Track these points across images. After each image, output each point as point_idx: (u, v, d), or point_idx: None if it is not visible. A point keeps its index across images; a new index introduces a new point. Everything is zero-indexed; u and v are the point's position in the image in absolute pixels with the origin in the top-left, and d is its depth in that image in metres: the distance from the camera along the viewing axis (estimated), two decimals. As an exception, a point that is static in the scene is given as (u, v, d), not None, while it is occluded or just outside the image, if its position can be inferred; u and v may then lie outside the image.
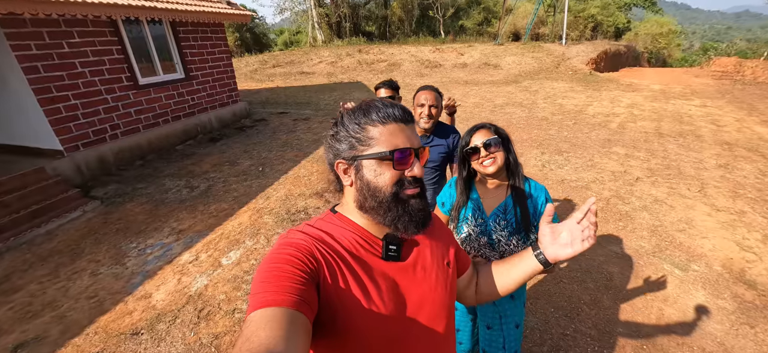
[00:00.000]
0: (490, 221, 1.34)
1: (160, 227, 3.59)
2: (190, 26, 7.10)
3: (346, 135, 0.69)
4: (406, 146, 0.67)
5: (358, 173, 0.68)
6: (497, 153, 1.28)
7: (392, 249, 0.71)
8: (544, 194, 1.31)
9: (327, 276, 0.63)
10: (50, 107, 4.86)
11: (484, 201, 1.38)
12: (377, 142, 0.66)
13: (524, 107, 8.38)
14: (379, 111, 0.68)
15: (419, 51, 16.52)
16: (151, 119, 6.34)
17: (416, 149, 0.68)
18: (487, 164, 1.29)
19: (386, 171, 0.66)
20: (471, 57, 15.13)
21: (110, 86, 5.67)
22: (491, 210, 1.35)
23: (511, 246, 1.31)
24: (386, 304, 0.67)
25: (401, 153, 0.66)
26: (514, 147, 1.37)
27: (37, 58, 4.72)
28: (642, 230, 3.32)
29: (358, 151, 0.68)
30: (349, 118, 0.70)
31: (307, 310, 0.56)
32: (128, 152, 5.81)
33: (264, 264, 0.61)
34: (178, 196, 4.34)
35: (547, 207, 0.85)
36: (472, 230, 1.37)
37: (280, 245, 0.65)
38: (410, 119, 0.71)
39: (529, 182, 1.34)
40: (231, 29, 25.26)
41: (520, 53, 14.89)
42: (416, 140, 0.70)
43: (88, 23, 5.33)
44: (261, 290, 0.55)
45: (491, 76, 12.73)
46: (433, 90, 1.88)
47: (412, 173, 0.67)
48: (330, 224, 0.72)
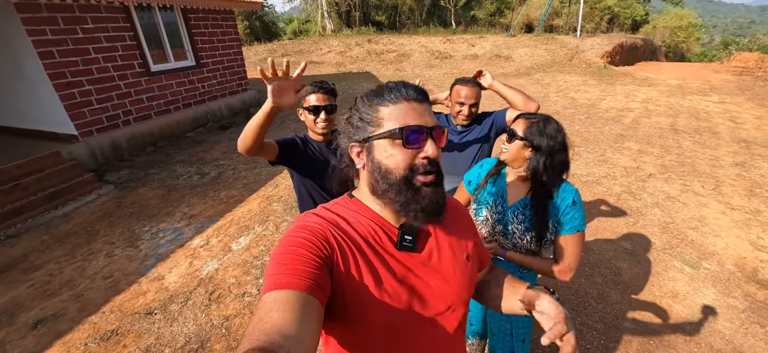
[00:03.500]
0: (510, 211, 1.33)
1: (172, 212, 3.67)
2: (201, 13, 7.12)
3: (358, 118, 0.68)
4: (418, 124, 0.64)
5: (369, 155, 0.67)
6: (512, 147, 1.26)
7: (407, 239, 0.69)
8: (572, 195, 1.25)
9: (340, 261, 0.62)
10: (65, 92, 4.96)
11: (509, 190, 1.36)
12: (388, 121, 0.64)
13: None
14: (390, 91, 0.66)
15: (429, 41, 16.32)
16: (163, 105, 6.42)
17: (430, 128, 0.65)
18: (503, 149, 1.29)
19: (397, 152, 0.64)
20: (482, 48, 14.89)
21: (123, 73, 5.75)
22: (513, 202, 1.34)
23: (524, 241, 1.31)
24: (398, 295, 0.65)
25: (412, 132, 0.63)
26: None
27: (52, 44, 4.79)
28: (653, 227, 3.27)
29: (369, 132, 0.66)
30: (361, 101, 0.69)
31: (320, 294, 0.56)
32: (140, 138, 5.91)
33: (279, 247, 0.61)
34: (190, 182, 4.42)
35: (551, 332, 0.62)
36: (491, 215, 1.37)
37: (295, 228, 0.64)
38: (424, 98, 0.68)
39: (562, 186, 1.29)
40: (240, 17, 25.21)
41: (532, 45, 14.61)
42: (431, 119, 0.66)
43: (101, 9, 5.38)
44: (275, 271, 0.56)
45: (502, 68, 12.53)
46: (475, 84, 1.78)
47: (427, 155, 0.64)
48: (346, 209, 0.71)
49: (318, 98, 1.53)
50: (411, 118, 0.64)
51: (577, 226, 1.23)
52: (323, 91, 1.55)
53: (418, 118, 0.64)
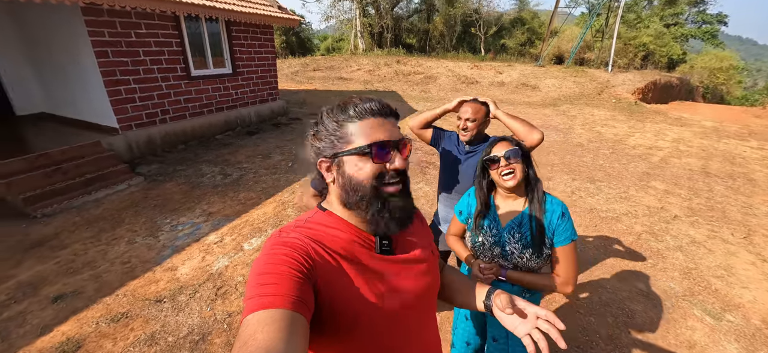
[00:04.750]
0: (505, 233, 1.36)
1: (193, 208, 3.86)
2: (243, 26, 7.59)
3: (326, 134, 0.70)
4: (385, 139, 0.67)
5: (339, 170, 0.69)
6: (516, 165, 1.30)
7: (385, 244, 0.73)
8: (560, 208, 1.31)
9: (324, 274, 0.63)
10: (113, 88, 5.39)
11: (500, 213, 1.40)
12: (356, 137, 0.67)
13: (560, 131, 8.11)
14: (356, 107, 0.69)
15: (457, 66, 16.50)
16: (198, 108, 6.82)
17: (397, 142, 0.69)
18: (507, 177, 1.31)
19: (367, 166, 0.67)
20: (509, 76, 14.88)
21: (166, 75, 6.19)
22: (506, 222, 1.37)
23: (523, 259, 1.32)
24: (384, 298, 0.68)
25: (380, 147, 0.66)
26: (543, 170, 1.38)
27: (108, 45, 5.27)
28: (673, 271, 3.10)
29: (337, 148, 0.69)
30: (328, 116, 0.71)
31: (305, 310, 0.55)
32: (174, 136, 6.28)
33: (259, 265, 0.60)
34: (212, 181, 4.64)
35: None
36: (487, 239, 1.40)
37: (274, 245, 0.64)
38: (389, 112, 0.72)
39: (547, 197, 1.34)
40: (278, 32, 26.55)
41: (561, 76, 14.44)
42: (396, 132, 0.70)
43: (154, 17, 5.87)
44: (257, 293, 0.55)
45: (528, 97, 12.44)
46: (474, 101, 1.86)
47: (394, 166, 0.68)
48: (322, 222, 0.72)
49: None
50: (379, 133, 0.67)
51: (569, 236, 1.28)
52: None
53: (385, 133, 0.68)
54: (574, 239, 1.27)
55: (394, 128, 0.71)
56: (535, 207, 1.31)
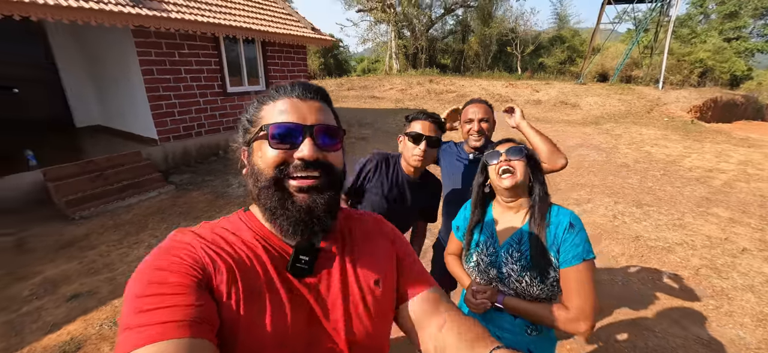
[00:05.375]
0: (502, 251, 1.15)
1: (213, 216, 3.92)
2: (278, 47, 7.95)
3: (246, 119, 0.63)
4: (285, 120, 0.57)
5: (249, 159, 0.61)
6: (517, 164, 1.12)
7: (302, 260, 0.59)
8: (568, 217, 1.07)
9: (219, 285, 0.52)
10: (155, 102, 5.79)
11: (498, 227, 1.20)
12: (264, 120, 0.59)
13: (602, 150, 7.48)
14: (278, 89, 0.61)
15: (491, 85, 16.13)
16: (231, 122, 7.13)
17: (308, 126, 0.57)
18: (504, 176, 1.12)
19: (267, 151, 0.57)
20: (547, 94, 14.24)
21: (204, 91, 6.57)
22: (504, 239, 1.16)
23: (523, 284, 1.09)
24: (287, 329, 0.55)
25: (277, 128, 0.56)
26: (582, 192, 1.18)
27: (153, 63, 5.70)
28: (743, 316, 2.59)
29: (250, 133, 0.61)
30: (253, 102, 0.64)
31: (207, 331, 0.46)
32: (207, 148, 6.59)
33: (142, 275, 0.49)
34: (236, 192, 4.73)
35: None
36: (482, 258, 1.19)
37: (161, 251, 0.53)
38: (315, 96, 0.62)
39: (553, 209, 1.13)
40: (317, 54, 27.79)
41: (604, 94, 13.56)
42: (315, 118, 0.59)
43: (196, 38, 6.31)
44: (138, 322, 0.43)
45: (567, 116, 11.75)
46: (483, 103, 1.67)
47: (301, 155, 0.56)
48: (233, 224, 0.62)
49: (423, 126, 1.42)
50: (287, 115, 0.58)
51: (580, 253, 1.01)
52: (432, 120, 1.43)
53: (295, 115, 0.58)
54: (587, 258, 1.01)
55: (316, 114, 0.60)
56: (535, 218, 1.09)
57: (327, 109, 0.63)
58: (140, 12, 5.08)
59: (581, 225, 1.07)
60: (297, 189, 0.57)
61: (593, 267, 1.03)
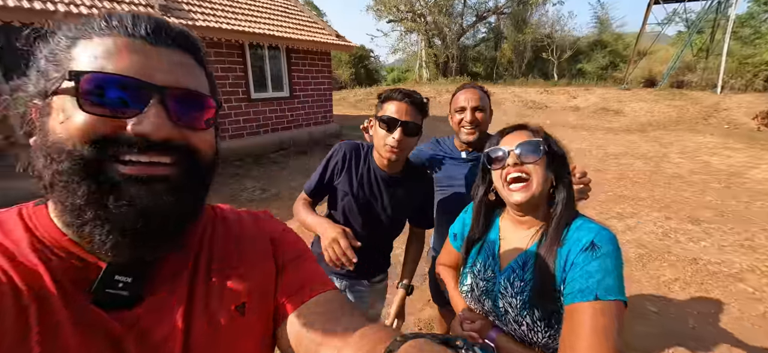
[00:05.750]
0: (502, 278, 0.85)
1: (223, 219, 3.86)
2: (302, 53, 8.02)
3: (44, 57, 0.40)
4: (123, 73, 0.37)
5: (41, 121, 0.39)
6: (534, 169, 0.81)
7: (121, 283, 0.40)
8: (592, 235, 0.75)
9: None
10: (182, 108, 5.97)
11: (503, 247, 0.90)
12: (76, 64, 0.38)
13: (649, 159, 6.72)
14: (109, 16, 0.40)
15: (525, 92, 15.42)
16: (255, 128, 7.23)
17: (158, 87, 0.38)
18: (514, 186, 0.82)
19: (76, 115, 0.36)
20: (586, 101, 13.32)
21: (228, 97, 6.70)
22: (507, 263, 0.86)
23: (523, 326, 0.79)
24: None
25: (96, 81, 0.36)
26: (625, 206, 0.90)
27: (180, 70, 5.89)
28: (843, 365, 2.03)
29: (50, 81, 0.38)
30: (61, 31, 0.41)
31: None
32: (230, 153, 6.69)
33: None
34: (250, 196, 4.68)
35: None
36: (477, 283, 0.90)
37: None
38: (174, 41, 0.42)
39: (575, 222, 0.81)
40: (348, 64, 28.27)
41: (652, 100, 12.43)
42: (167, 74, 0.40)
43: (222, 46, 6.48)
44: None
45: (609, 123, 10.86)
46: (477, 88, 1.38)
47: (141, 130, 0.37)
48: (14, 224, 0.41)
49: (399, 108, 1.11)
50: (119, 61, 0.38)
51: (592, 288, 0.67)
52: (409, 101, 1.11)
53: (136, 65, 0.38)
54: (605, 297, 0.67)
55: (173, 67, 0.41)
56: (548, 235, 0.79)
57: (194, 65, 0.44)
58: (167, 19, 5.27)
59: (611, 249, 0.72)
60: (128, 179, 0.37)
61: (617, 312, 0.66)
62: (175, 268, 0.45)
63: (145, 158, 0.38)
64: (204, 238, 0.51)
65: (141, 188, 0.38)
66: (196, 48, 0.45)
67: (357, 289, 1.43)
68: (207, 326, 0.45)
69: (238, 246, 0.53)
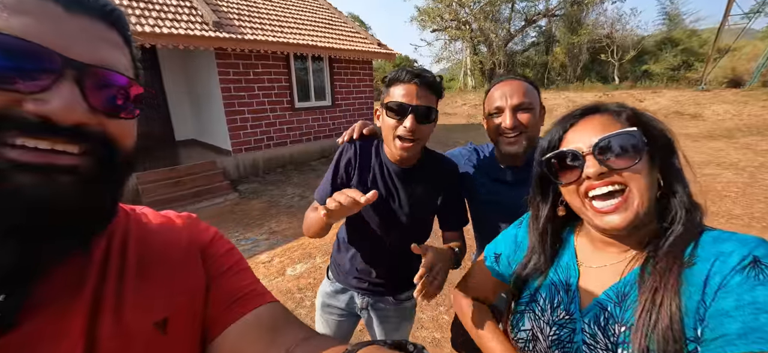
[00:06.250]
0: (586, 321, 0.59)
1: (262, 225, 3.88)
2: (344, 63, 8.11)
3: None
4: (20, 36, 0.30)
5: None
6: (634, 177, 0.54)
7: None
8: (743, 248, 0.48)
9: None
10: (231, 117, 6.27)
11: (583, 276, 0.63)
12: None
13: (741, 169, 5.69)
14: None
15: (580, 96, 14.29)
16: (298, 136, 7.40)
17: (71, 61, 0.32)
18: (604, 205, 0.55)
19: None
20: (655, 103, 11.92)
21: (274, 106, 6.94)
22: (591, 299, 0.59)
23: None
24: None
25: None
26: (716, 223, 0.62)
27: (231, 81, 6.21)
28: None
29: None
30: None
31: None
32: (275, 160, 6.90)
33: None
34: (290, 202, 4.71)
35: None
36: (542, 329, 0.64)
37: None
38: (82, 4, 0.34)
39: (706, 236, 0.53)
40: (391, 74, 28.54)
41: (739, 101, 10.74)
42: (83, 46, 0.33)
43: (269, 57, 6.74)
44: None
45: (685, 128, 9.54)
46: (521, 78, 1.05)
47: (42, 111, 0.31)
48: None
49: (408, 91, 0.93)
50: (21, 24, 0.30)
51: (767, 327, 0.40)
52: (419, 81, 0.93)
53: (40, 31, 0.31)
54: None
55: (92, 40, 0.34)
56: (662, 259, 0.51)
57: (119, 43, 0.38)
58: (220, 35, 5.59)
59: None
60: (17, 166, 0.30)
61: None
62: (73, 279, 0.37)
63: (45, 145, 0.31)
64: (114, 243, 0.43)
65: (34, 177, 0.30)
66: (122, 23, 0.38)
67: (379, 307, 1.22)
68: (118, 347, 0.38)
69: (158, 253, 0.46)
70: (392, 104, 0.93)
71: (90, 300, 0.38)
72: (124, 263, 0.42)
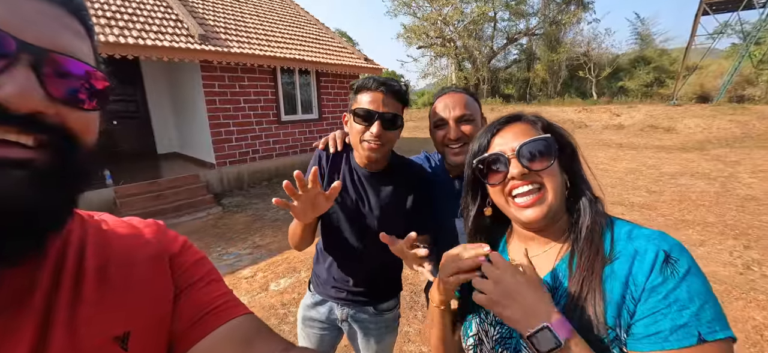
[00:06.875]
0: None
1: (246, 239, 3.79)
2: (331, 76, 8.16)
3: None
4: None
5: None
6: (548, 176, 0.61)
7: None
8: (653, 245, 0.54)
9: None
10: (215, 130, 6.17)
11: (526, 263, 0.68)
12: None
13: (712, 179, 5.95)
14: None
15: (561, 111, 14.75)
16: (284, 149, 7.34)
17: (24, 44, 0.29)
18: (523, 200, 0.61)
19: None
20: (631, 118, 12.42)
21: (260, 119, 6.88)
22: None
23: None
24: None
25: None
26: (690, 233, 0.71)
27: (216, 94, 6.14)
28: None
29: None
30: None
31: None
32: (260, 173, 6.79)
33: None
34: (275, 215, 4.63)
35: None
36: (487, 331, 0.67)
37: None
38: None
39: (613, 228, 0.60)
40: (378, 89, 28.84)
41: (709, 115, 11.32)
42: (38, 33, 0.30)
43: (255, 71, 6.71)
44: None
45: (659, 141, 9.95)
46: (462, 91, 1.09)
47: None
48: None
49: (374, 98, 0.96)
50: None
51: (691, 324, 0.47)
52: (385, 89, 0.97)
53: None
54: (720, 336, 0.47)
55: (48, 21, 0.32)
56: (581, 249, 0.58)
57: (81, 32, 0.35)
58: (205, 48, 5.55)
59: (692, 261, 0.52)
60: None
61: None
62: (20, 288, 0.33)
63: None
64: (68, 250, 0.39)
65: None
66: (83, 11, 0.35)
67: (360, 318, 1.20)
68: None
69: (120, 262, 0.42)
70: (359, 111, 0.96)
71: (40, 312, 0.34)
72: (81, 272, 0.39)
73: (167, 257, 0.47)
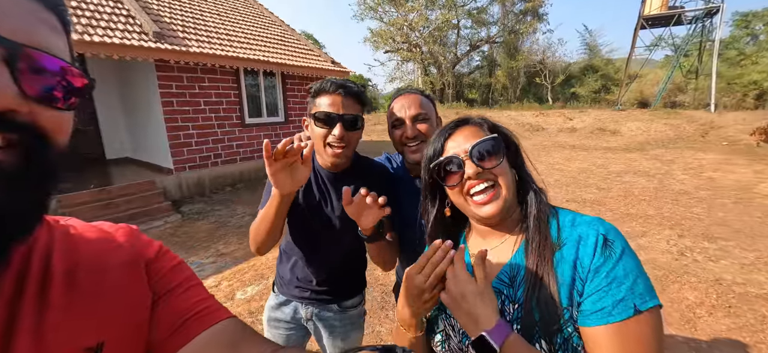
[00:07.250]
0: None
1: (208, 247, 3.62)
2: (297, 79, 8.01)
3: None
4: None
5: None
6: (500, 173, 0.66)
7: None
8: (592, 230, 0.60)
9: None
10: (173, 133, 5.83)
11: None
12: None
13: (652, 176, 6.58)
14: None
15: (520, 115, 15.55)
16: (249, 153, 7.08)
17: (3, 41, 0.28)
18: (480, 198, 0.66)
19: None
20: (582, 122, 13.39)
21: (222, 122, 6.60)
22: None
23: None
24: None
25: None
26: (634, 224, 0.77)
27: (174, 96, 5.80)
28: None
29: None
30: None
31: None
32: (223, 178, 6.50)
33: None
34: (239, 221, 4.45)
35: None
36: (454, 326, 0.70)
37: None
38: None
39: (558, 217, 0.66)
40: (345, 93, 28.71)
41: (648, 119, 12.50)
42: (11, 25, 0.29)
43: (217, 71, 6.43)
44: None
45: (606, 142, 10.82)
46: (417, 93, 1.12)
47: None
48: None
49: (334, 101, 0.97)
50: None
51: (627, 298, 0.54)
52: (344, 91, 0.98)
53: None
54: (651, 305, 0.54)
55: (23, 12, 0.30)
56: (532, 238, 0.64)
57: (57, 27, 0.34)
58: (161, 46, 5.23)
59: (625, 241, 0.59)
60: None
61: (658, 321, 0.55)
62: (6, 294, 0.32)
63: None
64: (34, 255, 0.37)
65: None
66: (61, 7, 0.34)
67: (324, 317, 1.21)
68: None
69: (91, 268, 0.40)
70: (320, 115, 0.97)
71: (2, 321, 0.32)
72: (47, 277, 0.37)
73: (143, 262, 0.45)
